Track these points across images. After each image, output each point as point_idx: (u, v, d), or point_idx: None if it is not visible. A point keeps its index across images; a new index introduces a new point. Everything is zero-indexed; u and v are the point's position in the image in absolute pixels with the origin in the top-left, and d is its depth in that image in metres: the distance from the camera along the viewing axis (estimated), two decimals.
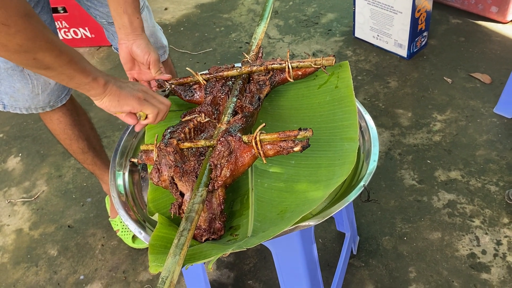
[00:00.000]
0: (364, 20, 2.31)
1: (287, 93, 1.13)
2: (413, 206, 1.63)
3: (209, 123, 0.98)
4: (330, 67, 1.10)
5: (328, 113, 1.03)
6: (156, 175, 0.90)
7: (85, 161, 1.54)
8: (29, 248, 1.71)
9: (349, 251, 1.46)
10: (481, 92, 2.03)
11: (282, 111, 1.10)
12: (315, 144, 0.96)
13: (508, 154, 1.76)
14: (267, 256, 1.56)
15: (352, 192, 0.87)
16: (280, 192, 0.90)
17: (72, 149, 1.49)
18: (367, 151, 0.98)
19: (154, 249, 0.77)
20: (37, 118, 2.22)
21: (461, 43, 2.30)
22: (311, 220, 0.83)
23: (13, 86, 1.24)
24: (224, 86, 1.05)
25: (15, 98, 1.27)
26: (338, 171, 0.88)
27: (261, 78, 1.08)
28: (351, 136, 0.95)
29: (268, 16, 1.19)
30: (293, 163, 0.95)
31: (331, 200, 0.92)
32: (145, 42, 1.08)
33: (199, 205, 0.76)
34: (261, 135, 0.83)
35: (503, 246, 1.48)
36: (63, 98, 1.34)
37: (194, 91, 1.09)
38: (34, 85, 1.25)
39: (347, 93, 1.04)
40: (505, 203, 1.60)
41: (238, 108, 1.00)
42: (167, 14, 2.88)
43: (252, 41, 1.18)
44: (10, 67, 1.19)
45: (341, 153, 0.92)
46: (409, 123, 1.94)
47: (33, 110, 1.31)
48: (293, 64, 1.06)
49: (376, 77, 2.18)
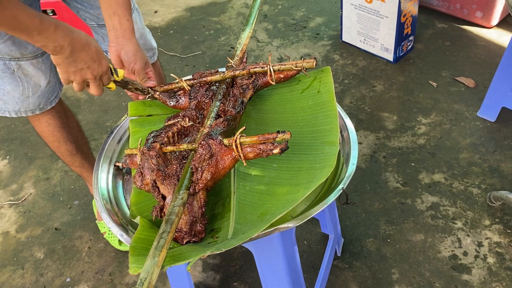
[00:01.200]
0: (351, 24, 2.34)
1: (270, 97, 1.15)
2: (397, 209, 1.66)
3: (193, 127, 1.00)
4: (313, 72, 1.12)
5: (310, 117, 1.05)
6: (139, 178, 0.91)
7: (72, 163, 1.55)
8: (16, 250, 1.71)
9: (332, 253, 1.48)
10: (465, 96, 2.06)
11: (266, 115, 1.12)
12: (297, 148, 0.97)
13: (490, 157, 1.79)
14: (252, 258, 1.57)
15: (331, 195, 0.89)
16: (261, 195, 0.92)
17: (60, 152, 1.50)
18: (347, 155, 1.00)
19: (135, 251, 0.78)
20: (25, 121, 2.22)
21: (447, 47, 2.33)
22: (290, 222, 0.84)
23: (3, 89, 1.24)
24: (208, 90, 1.07)
25: (4, 101, 1.27)
26: (318, 174, 0.89)
27: (244, 82, 1.10)
28: (332, 140, 0.97)
29: (253, 22, 1.21)
30: (275, 166, 0.97)
31: (311, 202, 0.94)
32: (133, 49, 1.09)
33: (179, 208, 0.77)
34: (241, 138, 0.85)
35: (484, 247, 1.51)
36: (53, 100, 1.35)
37: (178, 97, 1.10)
38: (25, 87, 1.25)
39: (329, 97, 1.06)
40: (486, 205, 1.63)
41: (221, 112, 1.02)
42: (157, 17, 2.89)
43: (237, 46, 1.19)
44: (1, 70, 1.20)
45: (322, 156, 0.94)
46: (394, 126, 1.97)
47: (22, 113, 1.32)
48: (274, 68, 1.08)
49: (363, 80, 2.21)
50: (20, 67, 1.21)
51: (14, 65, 1.20)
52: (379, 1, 2.13)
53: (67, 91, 2.39)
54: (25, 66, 1.22)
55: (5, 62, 1.19)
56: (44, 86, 1.28)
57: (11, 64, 1.20)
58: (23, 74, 1.23)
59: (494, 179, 1.71)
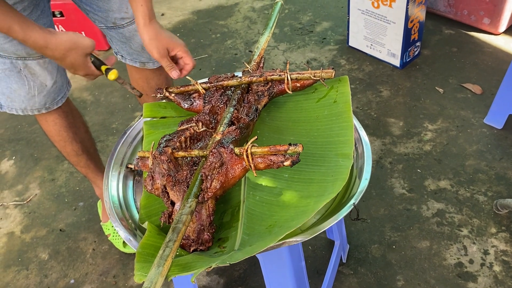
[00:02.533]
0: (358, 29, 2.34)
1: (286, 104, 1.14)
2: (403, 215, 1.65)
3: (205, 132, 0.99)
4: (330, 81, 1.10)
5: (325, 127, 1.03)
6: (150, 182, 0.91)
7: (78, 163, 1.55)
8: (20, 251, 1.71)
9: (338, 259, 1.47)
10: (472, 103, 2.06)
11: (280, 122, 1.11)
12: (309, 158, 0.96)
13: (497, 164, 1.78)
14: (257, 262, 1.57)
15: (342, 210, 0.87)
16: (271, 205, 0.91)
17: (66, 151, 1.51)
18: (360, 169, 0.98)
19: (141, 257, 0.78)
20: (32, 121, 2.22)
21: (454, 54, 2.33)
22: (299, 236, 0.83)
23: (10, 87, 1.26)
24: (223, 95, 1.06)
25: (11, 98, 1.29)
26: (329, 187, 0.88)
27: (260, 88, 1.09)
28: (346, 152, 0.95)
29: (272, 26, 1.19)
30: (287, 176, 0.95)
31: (322, 215, 0.93)
32: (169, 35, 1.16)
33: (187, 216, 0.77)
34: (253, 148, 0.84)
35: (490, 255, 1.50)
36: (59, 100, 1.36)
37: (193, 99, 1.10)
38: (31, 86, 1.26)
39: (345, 108, 1.04)
40: (493, 213, 1.62)
41: (235, 119, 1.01)
42: (164, 19, 2.89)
43: (255, 50, 1.18)
44: (8, 68, 1.21)
45: (334, 169, 0.92)
46: (400, 132, 1.96)
47: (29, 112, 1.33)
48: (292, 76, 1.07)
49: (369, 86, 2.21)
50: (26, 66, 1.22)
51: (20, 64, 1.22)
52: (387, 7, 2.13)
53: (73, 92, 2.40)
54: (32, 66, 1.23)
55: (11, 61, 1.20)
56: (50, 86, 1.30)
57: (17, 63, 1.21)
58: (30, 73, 1.24)
59: (501, 186, 1.70)
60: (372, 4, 2.18)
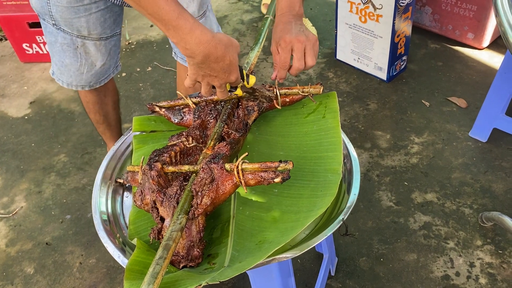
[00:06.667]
0: (345, 43, 2.37)
1: (275, 119, 1.15)
2: (390, 227, 1.66)
3: (196, 147, 0.99)
4: (318, 96, 1.11)
5: (314, 142, 1.04)
6: (139, 198, 0.91)
7: (97, 128, 1.75)
8: (5, 265, 1.68)
9: (327, 272, 1.48)
10: (457, 116, 2.09)
11: (270, 137, 1.11)
12: (299, 173, 0.96)
13: (482, 177, 1.81)
14: (245, 276, 1.56)
15: (331, 225, 0.87)
16: (260, 221, 0.91)
17: (89, 116, 1.70)
18: (348, 184, 0.99)
19: (131, 274, 0.78)
20: (18, 133, 2.20)
21: (439, 68, 2.37)
22: (288, 252, 0.83)
23: (63, 61, 1.38)
24: (213, 110, 1.06)
25: (61, 71, 1.43)
26: (319, 202, 0.88)
27: (250, 103, 1.10)
28: (335, 167, 0.95)
29: (262, 41, 1.20)
30: (276, 192, 0.96)
31: (311, 231, 0.93)
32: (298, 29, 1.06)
33: (177, 233, 0.77)
34: (243, 164, 0.84)
35: (476, 268, 1.52)
36: (102, 80, 1.49)
37: (183, 114, 1.10)
38: (82, 64, 1.39)
39: (334, 124, 1.05)
40: (478, 225, 1.64)
41: (225, 134, 1.01)
42: (153, 31, 2.90)
43: (245, 65, 1.19)
44: (66, 43, 1.33)
45: (323, 184, 0.93)
46: (387, 145, 1.98)
47: (73, 87, 1.46)
48: (281, 91, 1.08)
49: (356, 99, 2.23)
50: (83, 45, 1.34)
51: (79, 42, 1.33)
52: (374, 21, 2.16)
53: (61, 103, 2.39)
54: (88, 45, 1.35)
55: (72, 37, 1.32)
56: (99, 67, 1.42)
57: (77, 41, 1.33)
58: (84, 52, 1.36)
59: (486, 199, 1.73)
60: (359, 18, 2.22)
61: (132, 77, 2.54)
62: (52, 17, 1.28)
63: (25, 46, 2.62)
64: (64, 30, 1.30)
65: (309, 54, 1.04)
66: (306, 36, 1.04)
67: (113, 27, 1.37)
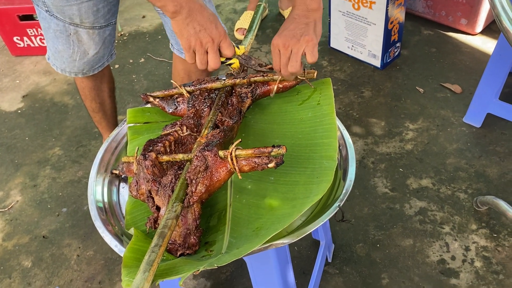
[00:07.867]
0: (339, 31, 2.36)
1: (269, 107, 1.14)
2: (386, 214, 1.67)
3: (190, 136, 0.99)
4: (313, 83, 1.11)
5: (309, 129, 1.04)
6: (135, 188, 0.91)
7: (93, 117, 1.74)
8: (2, 259, 1.68)
9: (324, 259, 1.48)
10: (452, 102, 2.10)
11: (264, 125, 1.11)
12: (294, 160, 0.96)
13: (476, 162, 1.82)
14: (243, 265, 1.58)
15: (328, 212, 0.88)
16: (257, 208, 0.91)
17: (85, 105, 1.70)
18: (344, 170, 0.99)
19: (129, 261, 0.78)
20: (11, 126, 2.19)
21: (433, 54, 2.37)
22: (285, 239, 0.84)
23: (56, 47, 1.40)
24: (207, 98, 1.06)
25: (55, 57, 1.45)
26: (315, 189, 0.88)
27: (243, 90, 1.09)
28: (330, 154, 0.95)
29: (255, 29, 1.19)
30: (272, 179, 0.96)
31: (307, 217, 0.93)
32: None
33: (172, 221, 0.77)
34: (237, 151, 0.84)
35: (471, 252, 1.54)
36: (96, 68, 1.50)
37: (177, 104, 1.10)
38: (74, 51, 1.40)
39: (329, 110, 1.05)
40: (473, 210, 1.66)
41: (219, 122, 1.01)
42: (145, 22, 2.88)
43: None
44: (59, 30, 1.34)
45: (319, 171, 0.93)
46: (382, 132, 1.99)
47: (66, 73, 1.48)
48: (275, 77, 1.08)
49: (351, 86, 2.23)
50: (76, 33, 1.35)
51: (72, 30, 1.34)
52: (367, 8, 2.16)
53: (54, 96, 2.37)
54: (81, 33, 1.35)
55: (65, 24, 1.33)
56: (92, 55, 1.43)
57: (69, 28, 1.34)
58: (77, 40, 1.37)
59: (480, 184, 1.74)
60: (352, 6, 2.21)
61: (125, 68, 2.52)
62: (45, 3, 1.29)
63: (16, 39, 2.60)
64: (57, 17, 1.31)
65: (293, 59, 0.98)
66: (297, 39, 0.98)
67: (107, 16, 1.36)
